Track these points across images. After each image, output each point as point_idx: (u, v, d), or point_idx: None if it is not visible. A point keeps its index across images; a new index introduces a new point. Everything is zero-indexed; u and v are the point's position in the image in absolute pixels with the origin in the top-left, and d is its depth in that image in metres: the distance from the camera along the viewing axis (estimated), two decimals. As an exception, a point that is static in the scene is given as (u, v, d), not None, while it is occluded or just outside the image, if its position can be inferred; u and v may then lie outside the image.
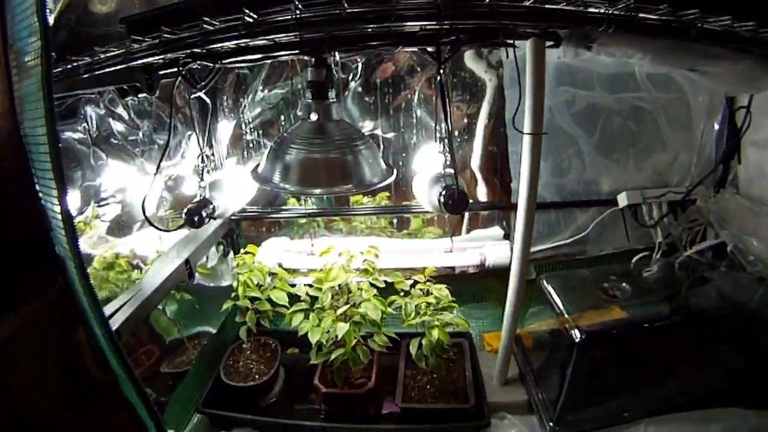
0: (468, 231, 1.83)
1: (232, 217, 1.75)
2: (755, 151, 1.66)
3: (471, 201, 1.63)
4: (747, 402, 1.60)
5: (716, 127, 1.74)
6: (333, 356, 1.42)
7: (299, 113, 1.73)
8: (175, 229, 1.35)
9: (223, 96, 1.72)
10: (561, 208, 1.74)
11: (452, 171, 1.24)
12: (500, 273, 1.69)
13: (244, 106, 1.75)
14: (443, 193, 1.20)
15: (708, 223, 1.74)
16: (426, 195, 1.31)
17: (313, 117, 1.18)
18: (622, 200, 1.72)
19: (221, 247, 1.78)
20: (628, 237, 1.76)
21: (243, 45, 1.05)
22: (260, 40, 0.99)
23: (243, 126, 1.77)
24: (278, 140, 1.21)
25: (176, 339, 1.66)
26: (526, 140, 1.30)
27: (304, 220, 1.83)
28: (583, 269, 1.72)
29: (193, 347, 1.70)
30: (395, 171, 1.27)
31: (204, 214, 1.34)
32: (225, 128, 1.77)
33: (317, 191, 1.24)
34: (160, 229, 1.33)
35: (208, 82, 1.29)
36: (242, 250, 1.65)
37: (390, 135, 1.72)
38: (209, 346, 1.70)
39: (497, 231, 1.79)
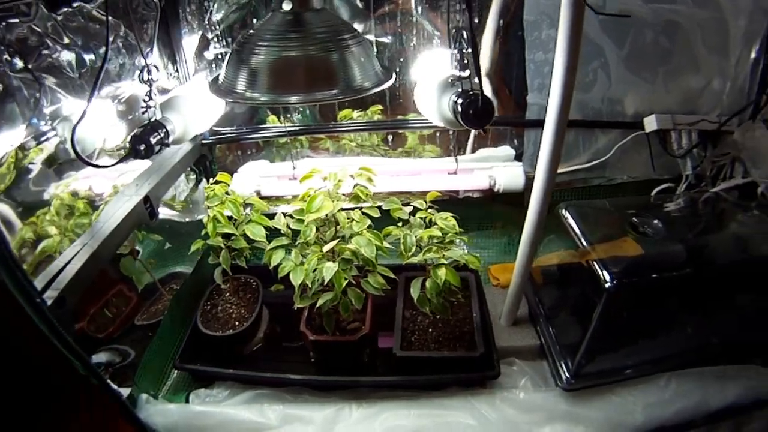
0: (474, 150, 1.61)
1: (203, 142, 1.49)
2: None
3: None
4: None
5: (753, 55, 1.53)
6: (321, 302, 1.23)
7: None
8: (115, 164, 1.09)
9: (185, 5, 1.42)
10: (582, 127, 1.52)
11: (469, 74, 0.99)
12: (510, 198, 1.51)
13: (210, 10, 1.45)
14: (460, 101, 0.96)
15: (738, 159, 1.56)
16: (434, 104, 1.07)
17: (286, 6, 0.92)
18: (651, 124, 1.51)
19: (194, 177, 1.53)
20: (653, 165, 1.56)
21: None
22: None
23: (210, 33, 1.47)
24: (242, 39, 0.95)
25: (151, 285, 1.45)
26: (562, 39, 1.03)
27: (285, 140, 1.58)
28: (602, 200, 1.54)
29: (169, 293, 1.50)
30: (394, 74, 1.03)
31: (152, 141, 1.10)
32: (191, 39, 1.48)
33: (294, 99, 0.97)
34: (95, 166, 1.07)
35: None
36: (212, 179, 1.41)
37: (385, 39, 1.45)
38: (183, 292, 1.49)
39: (508, 150, 1.57)
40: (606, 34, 1.44)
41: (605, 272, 1.19)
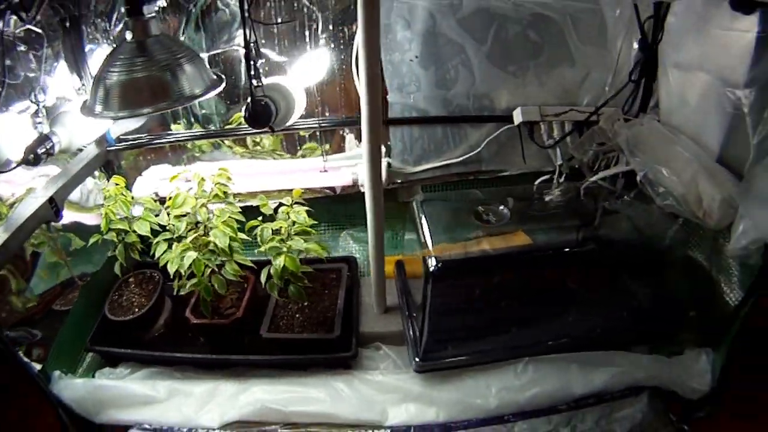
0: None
1: (108, 149, 1.70)
2: (677, 74, 1.46)
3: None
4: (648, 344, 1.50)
5: (636, 45, 1.53)
6: (187, 287, 1.39)
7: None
8: (8, 170, 1.30)
9: (90, 21, 1.63)
10: (447, 123, 1.58)
11: (256, 83, 1.12)
12: (384, 193, 1.59)
13: (112, 23, 1.65)
14: (244, 107, 1.10)
15: (619, 149, 1.56)
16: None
17: (129, 36, 1.10)
18: (518, 117, 1.56)
19: (103, 182, 1.74)
20: (524, 157, 1.60)
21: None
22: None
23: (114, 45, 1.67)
24: (101, 66, 1.13)
25: (69, 278, 1.67)
26: (361, 49, 1.13)
27: (189, 145, 1.76)
28: (474, 190, 1.60)
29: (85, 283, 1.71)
30: (223, 83, 1.18)
31: (40, 151, 1.31)
32: (100, 52, 1.68)
33: (144, 111, 1.15)
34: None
35: (34, 15, 1.22)
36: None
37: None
38: (91, 284, 1.69)
39: (379, 148, 1.66)
40: (465, 31, 1.50)
41: (432, 258, 1.26)
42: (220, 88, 1.17)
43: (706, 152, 1.39)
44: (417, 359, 1.38)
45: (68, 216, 1.59)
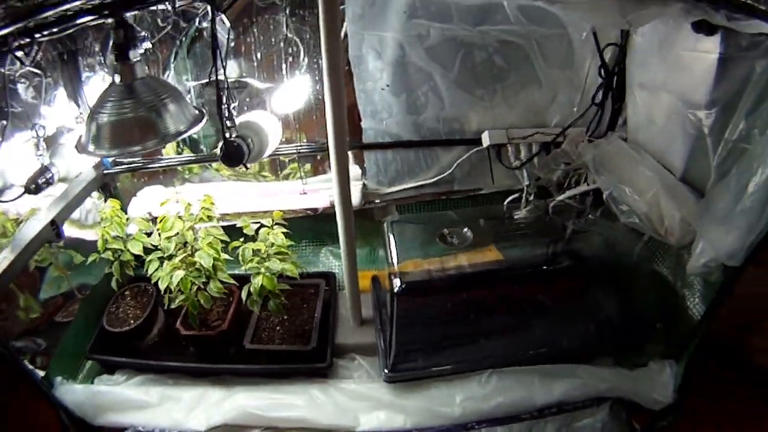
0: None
1: (105, 172, 1.83)
2: (643, 93, 1.52)
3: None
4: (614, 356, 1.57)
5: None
6: (176, 302, 1.51)
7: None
8: (14, 200, 1.44)
9: (85, 55, 1.75)
10: (419, 146, 1.68)
11: (229, 123, 1.22)
12: (361, 212, 1.69)
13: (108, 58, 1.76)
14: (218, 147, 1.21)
15: (585, 167, 1.63)
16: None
17: (117, 79, 1.20)
18: (485, 140, 1.64)
19: (101, 202, 1.87)
20: (492, 178, 1.68)
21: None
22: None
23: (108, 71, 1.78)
24: (93, 106, 1.24)
25: (69, 290, 1.80)
26: (326, 79, 1.23)
27: (180, 167, 1.88)
28: (448, 212, 1.68)
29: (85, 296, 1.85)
30: (204, 118, 1.29)
31: (40, 182, 1.44)
32: (96, 79, 1.80)
33: (135, 148, 1.26)
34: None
35: (33, 57, 1.34)
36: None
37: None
38: (91, 297, 1.83)
39: (356, 170, 1.76)
40: (433, 59, 1.58)
41: (397, 279, 1.36)
42: (202, 124, 1.27)
43: (671, 170, 1.44)
44: (386, 370, 1.48)
45: (69, 232, 1.72)
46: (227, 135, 1.23)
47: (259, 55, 1.62)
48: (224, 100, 1.20)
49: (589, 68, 1.63)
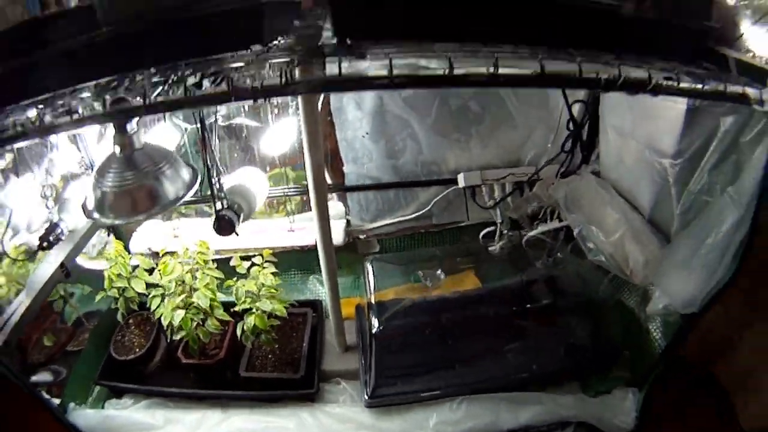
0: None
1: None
2: (615, 135, 1.60)
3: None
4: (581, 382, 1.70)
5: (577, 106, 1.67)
6: (177, 336, 1.66)
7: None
8: (26, 258, 1.57)
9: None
10: (398, 188, 1.80)
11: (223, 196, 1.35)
12: (346, 246, 1.82)
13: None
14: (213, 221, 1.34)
15: (557, 205, 1.73)
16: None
17: (117, 151, 1.29)
18: (461, 181, 1.76)
19: (105, 235, 2.01)
20: (467, 215, 1.80)
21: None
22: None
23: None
24: (96, 173, 1.35)
25: (78, 318, 1.95)
26: (304, 134, 1.33)
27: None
28: (432, 249, 1.81)
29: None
30: (198, 177, 1.40)
31: (52, 238, 1.58)
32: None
33: (140, 217, 1.38)
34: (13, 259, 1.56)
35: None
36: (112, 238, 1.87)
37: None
38: (100, 326, 1.98)
39: (340, 208, 1.89)
40: (410, 107, 1.70)
41: (375, 320, 1.50)
42: (196, 185, 1.39)
43: (640, 209, 1.51)
44: (366, 396, 1.63)
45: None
46: (218, 207, 1.35)
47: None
48: (214, 177, 1.32)
49: (562, 109, 1.71)
